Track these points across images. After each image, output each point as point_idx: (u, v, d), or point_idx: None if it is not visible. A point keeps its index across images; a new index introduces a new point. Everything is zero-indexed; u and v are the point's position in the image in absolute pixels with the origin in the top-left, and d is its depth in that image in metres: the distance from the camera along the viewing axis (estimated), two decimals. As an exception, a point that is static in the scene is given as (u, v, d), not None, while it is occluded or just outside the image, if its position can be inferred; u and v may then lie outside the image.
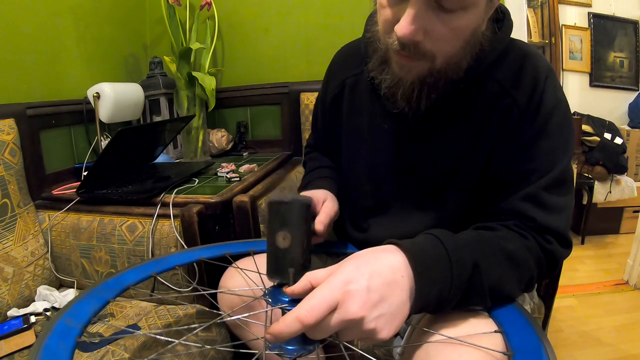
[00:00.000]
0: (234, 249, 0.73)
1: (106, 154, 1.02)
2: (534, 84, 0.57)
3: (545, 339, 0.44)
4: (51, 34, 1.22)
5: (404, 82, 0.57)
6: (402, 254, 0.46)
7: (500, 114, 0.59)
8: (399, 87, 0.58)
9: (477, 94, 0.60)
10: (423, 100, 0.58)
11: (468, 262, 0.48)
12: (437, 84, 0.56)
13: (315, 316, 0.40)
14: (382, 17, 0.54)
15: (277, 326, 0.41)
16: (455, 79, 0.57)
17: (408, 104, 0.59)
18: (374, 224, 0.74)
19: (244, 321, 0.71)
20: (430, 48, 0.51)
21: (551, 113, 0.57)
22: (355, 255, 0.47)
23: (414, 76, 0.55)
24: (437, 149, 0.64)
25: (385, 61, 0.58)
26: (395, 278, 0.44)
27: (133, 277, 0.60)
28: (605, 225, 2.59)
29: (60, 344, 0.42)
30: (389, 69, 0.58)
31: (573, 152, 0.61)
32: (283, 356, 0.44)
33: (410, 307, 0.45)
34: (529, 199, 0.57)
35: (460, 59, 0.55)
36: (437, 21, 0.49)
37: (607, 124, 2.59)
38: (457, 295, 0.47)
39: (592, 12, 2.88)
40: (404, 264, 0.45)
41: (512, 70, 0.59)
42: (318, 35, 1.55)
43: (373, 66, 0.61)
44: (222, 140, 1.57)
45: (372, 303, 0.41)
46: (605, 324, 1.59)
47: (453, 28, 0.50)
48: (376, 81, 0.62)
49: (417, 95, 0.57)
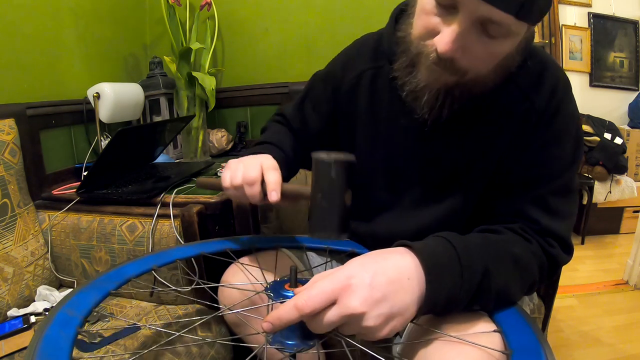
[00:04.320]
0: (235, 245, 0.73)
1: (106, 154, 1.02)
2: (552, 91, 0.58)
3: (543, 339, 0.44)
4: (51, 34, 1.22)
5: (430, 88, 0.57)
6: (413, 256, 0.46)
7: (519, 116, 0.59)
8: (423, 93, 0.58)
9: (497, 96, 0.60)
10: (445, 110, 0.59)
11: (478, 267, 0.48)
12: (461, 96, 0.57)
13: (312, 306, 0.40)
14: (422, 23, 0.53)
15: (275, 313, 0.41)
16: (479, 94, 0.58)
17: (430, 110, 0.60)
18: (381, 218, 0.74)
19: (245, 316, 0.71)
20: (464, 65, 0.52)
21: (567, 121, 0.59)
22: (363, 255, 0.47)
23: (440, 84, 0.56)
24: (454, 148, 0.64)
25: (414, 65, 0.58)
26: (400, 279, 0.44)
27: (134, 269, 0.60)
28: (605, 225, 2.59)
29: (61, 333, 0.42)
30: (417, 73, 0.58)
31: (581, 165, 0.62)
32: (283, 351, 0.44)
33: (417, 309, 0.45)
34: (536, 202, 0.58)
35: (489, 78, 0.56)
36: (477, 43, 0.49)
37: (607, 124, 2.59)
38: (465, 300, 0.47)
39: (592, 12, 2.88)
40: (414, 267, 0.45)
41: (532, 75, 0.59)
42: (318, 35, 1.55)
43: (399, 66, 0.61)
44: (222, 140, 1.58)
45: (373, 300, 0.41)
46: (605, 324, 1.59)
47: (491, 52, 0.51)
48: (400, 82, 0.62)
49: (440, 104, 0.58)
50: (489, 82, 0.56)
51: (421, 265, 0.45)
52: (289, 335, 0.44)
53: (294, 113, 0.85)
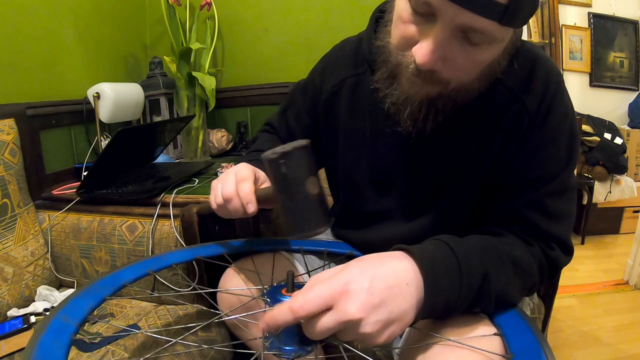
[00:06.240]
0: (232, 248, 0.73)
1: (106, 154, 1.02)
2: (544, 89, 0.56)
3: (544, 342, 0.44)
4: (51, 34, 1.21)
5: (412, 100, 0.55)
6: (412, 261, 0.45)
7: (510, 119, 0.57)
8: (405, 105, 0.56)
9: (486, 99, 0.58)
10: (429, 122, 0.57)
11: (478, 271, 0.47)
12: (445, 107, 0.55)
13: (307, 309, 0.39)
14: (399, 32, 0.50)
15: (270, 313, 0.41)
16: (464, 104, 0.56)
17: (414, 123, 0.58)
18: (373, 227, 0.73)
19: (243, 321, 0.70)
20: (446, 76, 0.50)
21: (560, 120, 0.57)
22: (361, 258, 0.46)
23: (422, 96, 0.54)
24: (443, 154, 0.63)
25: (394, 76, 0.55)
26: (399, 284, 0.43)
27: (130, 274, 0.59)
28: (605, 225, 2.59)
29: (56, 341, 0.41)
30: (398, 85, 0.55)
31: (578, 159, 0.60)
32: (281, 357, 0.44)
33: (415, 315, 0.44)
34: (533, 206, 0.57)
35: (473, 87, 0.53)
36: (459, 51, 0.47)
37: (607, 124, 2.59)
38: (465, 303, 0.46)
39: (592, 12, 2.88)
40: (412, 272, 0.44)
41: (522, 74, 0.57)
42: (318, 35, 1.55)
43: (379, 77, 0.59)
44: (222, 140, 1.57)
45: (371, 305, 0.40)
46: (605, 324, 1.59)
47: (474, 60, 0.49)
48: (381, 94, 0.59)
49: (423, 116, 0.56)
50: (473, 91, 0.54)
51: (419, 270, 0.44)
52: (287, 341, 0.43)
53: (279, 122, 0.85)
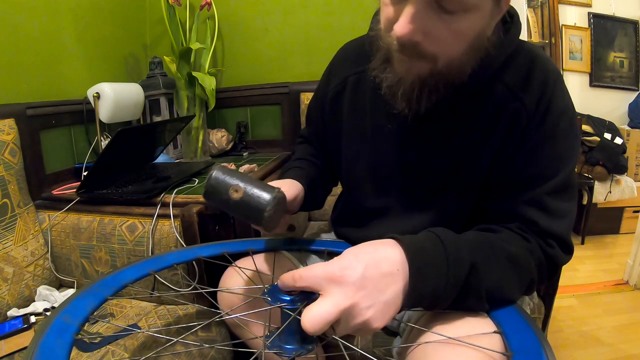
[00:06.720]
0: (233, 248, 0.73)
1: (106, 154, 1.02)
2: (542, 87, 0.57)
3: (544, 340, 0.44)
4: (51, 34, 1.21)
5: (405, 81, 0.56)
6: (400, 248, 0.47)
7: (508, 117, 0.58)
8: (399, 86, 0.57)
9: (485, 97, 0.59)
10: (423, 102, 0.57)
11: (465, 262, 0.48)
12: (437, 85, 0.56)
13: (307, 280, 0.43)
14: (384, 15, 0.53)
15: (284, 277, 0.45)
16: (458, 84, 0.56)
17: (408, 104, 0.58)
18: (373, 224, 0.73)
19: (243, 320, 0.70)
20: (431, 49, 0.51)
21: (559, 118, 0.57)
22: (355, 246, 0.48)
23: (414, 75, 0.55)
24: (442, 151, 0.63)
25: (387, 60, 0.57)
26: (392, 271, 0.45)
27: (131, 274, 0.60)
28: (605, 225, 2.59)
29: (58, 341, 0.41)
30: (391, 68, 0.57)
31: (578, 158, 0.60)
32: (282, 355, 0.44)
33: (402, 300, 0.45)
34: (533, 204, 0.57)
35: (463, 62, 0.54)
36: (438, 22, 0.48)
37: (607, 124, 2.59)
38: (452, 294, 0.47)
39: (592, 12, 2.88)
40: (400, 258, 0.46)
41: (521, 73, 0.58)
42: (318, 35, 1.55)
43: (375, 64, 0.60)
44: (222, 140, 1.57)
45: (366, 291, 0.42)
46: (605, 324, 1.59)
47: (454, 30, 0.49)
48: (377, 80, 0.61)
49: (417, 95, 0.57)
50: (465, 68, 0.54)
51: (407, 258, 0.46)
52: (288, 340, 0.44)
53: (307, 132, 0.90)
